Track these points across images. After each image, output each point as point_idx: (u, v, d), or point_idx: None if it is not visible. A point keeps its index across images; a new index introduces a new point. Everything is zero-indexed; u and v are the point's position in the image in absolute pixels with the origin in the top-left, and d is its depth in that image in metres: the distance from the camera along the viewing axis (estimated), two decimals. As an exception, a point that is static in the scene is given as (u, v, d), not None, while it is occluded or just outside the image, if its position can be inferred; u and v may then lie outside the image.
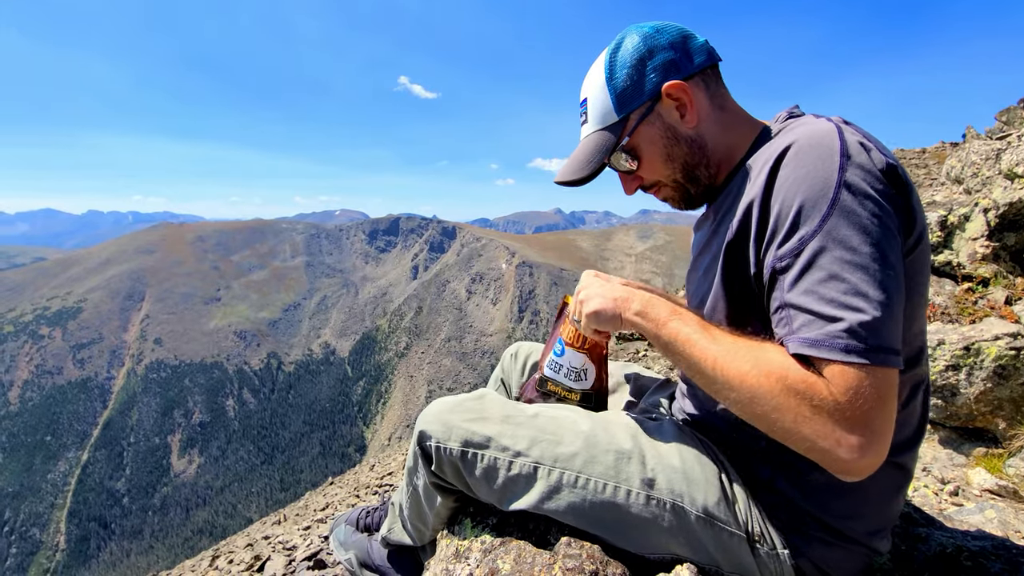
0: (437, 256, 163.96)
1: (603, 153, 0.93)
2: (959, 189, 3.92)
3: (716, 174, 0.96)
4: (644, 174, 0.97)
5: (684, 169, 0.95)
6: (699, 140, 0.93)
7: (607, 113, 0.93)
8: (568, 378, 1.10)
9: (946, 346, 1.88)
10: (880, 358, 0.64)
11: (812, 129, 0.76)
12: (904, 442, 0.84)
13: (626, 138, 0.93)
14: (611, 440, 0.95)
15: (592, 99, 0.95)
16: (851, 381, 0.64)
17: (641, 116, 0.92)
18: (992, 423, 1.85)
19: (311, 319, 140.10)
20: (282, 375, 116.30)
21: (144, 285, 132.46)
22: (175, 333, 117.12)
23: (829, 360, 0.65)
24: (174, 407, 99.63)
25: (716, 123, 0.94)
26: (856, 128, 0.77)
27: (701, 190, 0.98)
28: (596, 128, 0.95)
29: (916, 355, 0.83)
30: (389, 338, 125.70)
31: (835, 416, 0.64)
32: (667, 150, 0.93)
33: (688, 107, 0.91)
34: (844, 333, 0.64)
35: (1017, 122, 5.28)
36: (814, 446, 0.66)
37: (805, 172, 0.72)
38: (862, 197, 0.68)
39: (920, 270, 0.77)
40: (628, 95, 0.91)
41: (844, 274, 0.66)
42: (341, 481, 6.96)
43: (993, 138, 5.27)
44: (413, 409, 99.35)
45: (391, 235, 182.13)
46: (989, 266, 2.13)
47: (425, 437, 1.03)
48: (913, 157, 9.77)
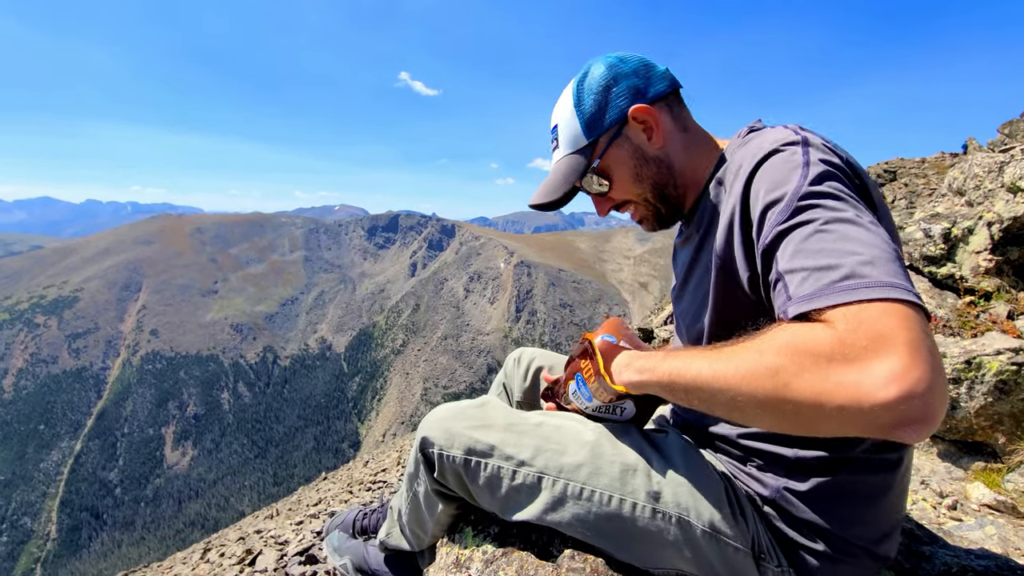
0: (436, 254, 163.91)
1: (576, 175, 0.96)
2: (961, 201, 3.92)
3: (684, 193, 0.99)
4: (615, 194, 1.00)
5: (654, 188, 0.98)
6: (666, 160, 0.97)
7: (577, 137, 0.96)
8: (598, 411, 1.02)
9: (947, 359, 1.87)
10: (891, 292, 0.55)
11: (773, 135, 0.80)
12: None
13: (597, 160, 0.96)
14: (616, 452, 0.94)
15: (563, 125, 0.98)
16: (861, 316, 0.55)
17: (610, 139, 0.95)
18: (992, 437, 1.84)
19: (308, 314, 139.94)
20: (278, 369, 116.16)
21: (141, 276, 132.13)
22: (171, 325, 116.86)
23: (833, 306, 0.57)
24: (169, 399, 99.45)
25: (680, 143, 0.98)
26: (824, 138, 0.78)
27: (671, 209, 1.00)
28: (567, 152, 0.98)
29: None
30: (386, 335, 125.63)
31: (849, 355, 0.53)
32: (636, 170, 0.96)
33: (654, 129, 0.95)
34: (844, 277, 0.58)
35: (1020, 135, 5.28)
36: (846, 404, 0.52)
37: (773, 167, 0.74)
38: (829, 175, 0.70)
39: None
40: (596, 119, 0.95)
41: (831, 227, 0.63)
42: (334, 477, 6.95)
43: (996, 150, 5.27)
44: (408, 406, 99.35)
45: (390, 232, 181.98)
46: (992, 280, 2.13)
47: (428, 444, 1.03)
48: (913, 167, 9.78)
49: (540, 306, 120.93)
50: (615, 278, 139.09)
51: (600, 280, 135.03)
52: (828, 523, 0.83)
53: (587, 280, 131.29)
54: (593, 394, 0.99)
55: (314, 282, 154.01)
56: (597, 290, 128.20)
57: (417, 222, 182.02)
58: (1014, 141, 5.25)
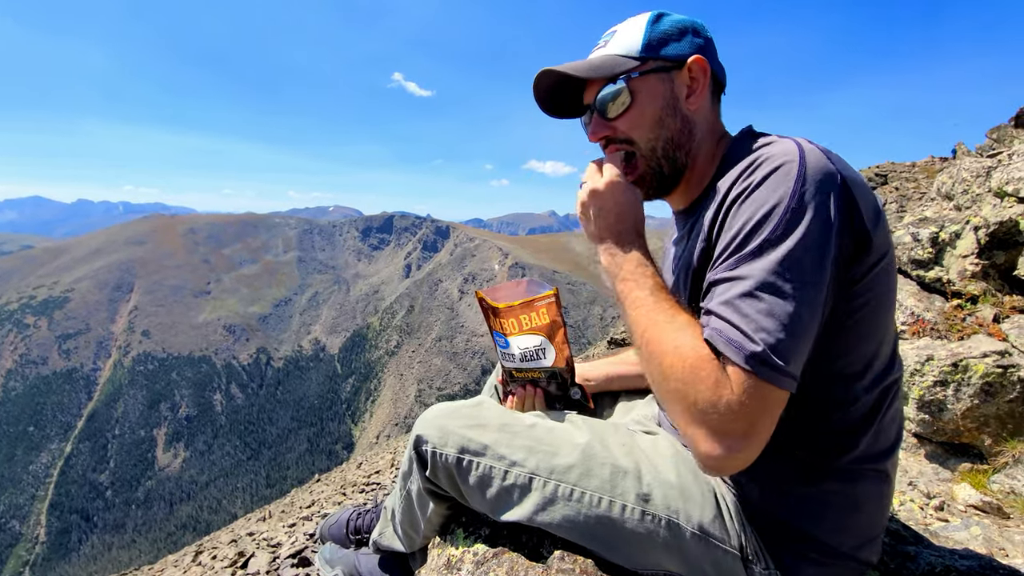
0: (430, 255, 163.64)
1: (618, 69, 0.91)
2: (950, 205, 3.97)
3: (690, 167, 0.96)
4: (623, 126, 0.94)
5: (668, 142, 0.93)
6: (691, 124, 0.94)
7: (632, 47, 0.92)
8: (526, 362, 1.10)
9: (935, 362, 1.90)
10: (776, 378, 0.68)
11: (776, 149, 0.78)
12: (886, 449, 0.86)
13: (637, 73, 0.91)
14: (608, 453, 0.95)
15: (624, 31, 0.94)
16: (746, 386, 0.68)
17: (658, 67, 0.91)
18: (978, 439, 1.87)
19: (302, 315, 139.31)
20: (271, 370, 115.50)
21: (133, 276, 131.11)
22: (163, 325, 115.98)
23: (733, 361, 0.69)
24: (160, 400, 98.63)
25: (707, 121, 0.95)
26: (823, 151, 0.77)
27: (672, 174, 0.96)
28: (616, 52, 0.93)
29: (888, 364, 0.84)
30: (380, 336, 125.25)
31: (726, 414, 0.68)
32: (662, 113, 0.92)
33: (698, 91, 0.92)
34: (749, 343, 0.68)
35: (1007, 140, 5.35)
36: (692, 432, 0.71)
37: (759, 194, 0.74)
38: (806, 225, 0.70)
39: (884, 286, 0.80)
40: (660, 43, 0.92)
41: (761, 297, 0.69)
42: (328, 479, 6.92)
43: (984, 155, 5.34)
44: (402, 408, 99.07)
45: (384, 233, 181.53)
46: (978, 284, 2.16)
47: (421, 441, 1.03)
48: (903, 170, 9.89)
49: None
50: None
51: (594, 282, 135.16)
52: (814, 529, 0.85)
53: (581, 282, 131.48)
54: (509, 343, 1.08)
55: (308, 283, 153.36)
56: (592, 292, 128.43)
57: (412, 223, 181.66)
58: (1002, 146, 5.33)
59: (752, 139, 0.89)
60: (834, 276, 0.73)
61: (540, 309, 1.09)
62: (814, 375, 0.77)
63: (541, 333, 1.08)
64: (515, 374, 1.15)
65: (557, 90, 0.99)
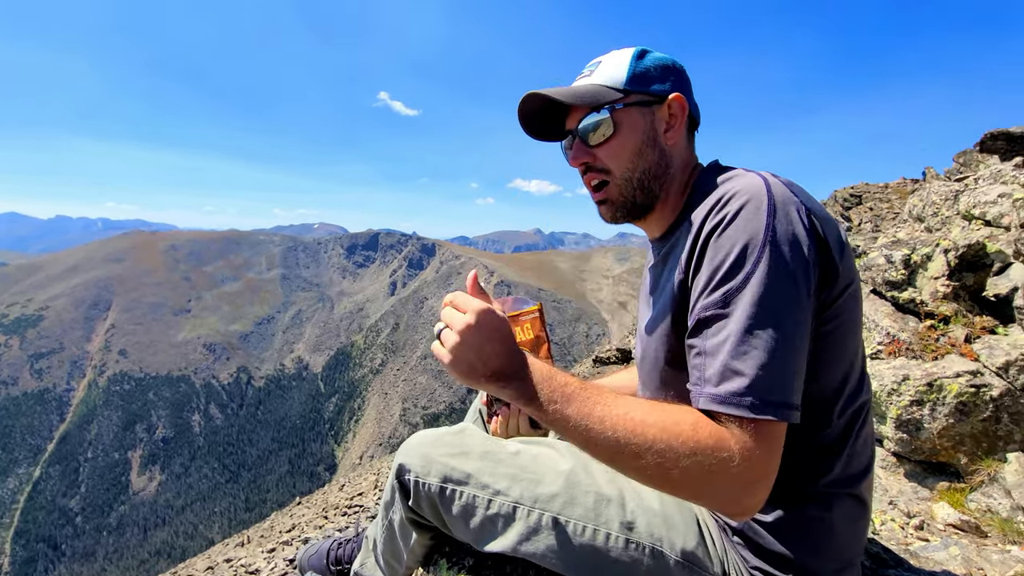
0: (416, 273, 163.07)
1: (601, 99, 0.94)
2: (921, 227, 4.10)
3: (662, 198, 0.99)
4: (604, 154, 0.96)
5: (644, 172, 0.96)
6: (668, 158, 0.97)
7: (617, 79, 0.95)
8: None
9: (910, 382, 1.94)
10: (780, 413, 0.70)
11: (743, 184, 0.81)
12: (860, 472, 0.88)
13: (621, 105, 0.94)
14: (591, 481, 0.95)
15: (609, 63, 0.97)
16: (753, 434, 0.70)
17: (641, 101, 0.95)
18: (954, 458, 1.90)
19: (284, 333, 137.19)
20: (251, 390, 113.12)
21: (111, 294, 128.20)
22: (141, 344, 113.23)
23: (734, 416, 0.71)
24: (136, 421, 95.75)
25: (682, 156, 0.99)
26: (785, 184, 0.81)
27: (645, 202, 0.98)
28: (600, 83, 0.96)
29: (857, 387, 0.87)
30: (364, 354, 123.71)
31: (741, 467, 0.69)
32: (642, 145, 0.95)
33: (676, 126, 0.96)
34: (747, 390, 0.70)
35: (973, 165, 5.56)
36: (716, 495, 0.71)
37: (734, 229, 0.76)
38: (784, 257, 0.73)
39: (851, 312, 0.83)
40: (644, 79, 0.95)
41: (752, 333, 0.71)
42: (309, 501, 6.75)
43: (952, 179, 5.54)
44: (386, 427, 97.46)
45: (370, 250, 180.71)
46: (950, 304, 2.23)
47: (404, 470, 1.02)
48: (877, 191, 10.19)
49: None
50: (594, 297, 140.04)
51: (580, 300, 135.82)
52: (793, 553, 0.86)
53: (567, 300, 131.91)
54: None
55: (291, 300, 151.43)
56: (577, 309, 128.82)
57: (397, 241, 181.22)
58: (968, 170, 5.53)
59: (719, 172, 0.92)
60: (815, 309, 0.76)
61: (525, 324, 1.09)
62: None
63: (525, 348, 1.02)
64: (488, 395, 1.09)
65: (541, 113, 1.01)
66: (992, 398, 1.85)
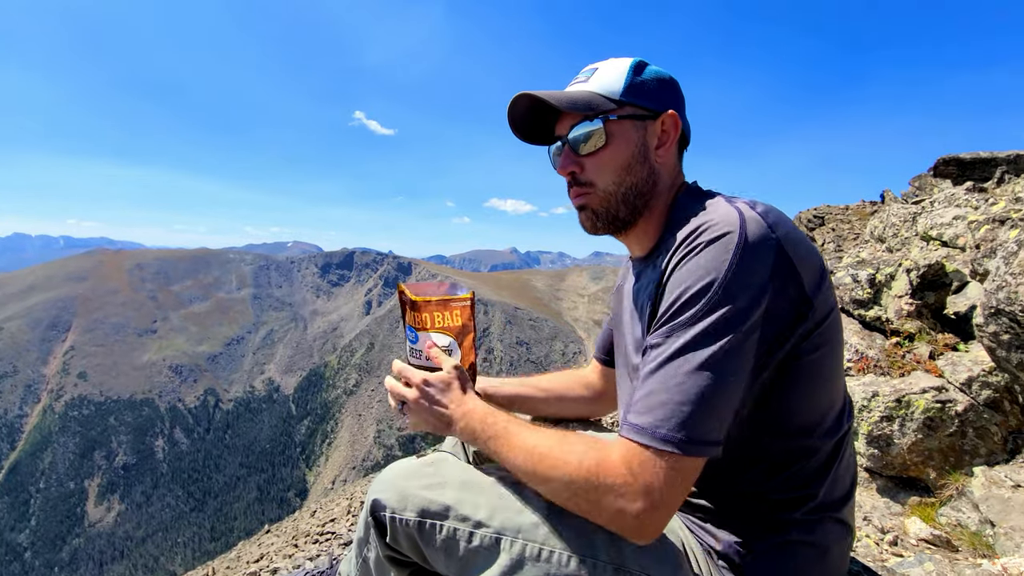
0: (392, 292, 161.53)
1: (595, 107, 0.92)
2: (882, 247, 4.27)
3: (646, 215, 0.98)
4: (592, 164, 0.95)
5: (631, 188, 0.95)
6: (656, 175, 0.96)
7: (613, 89, 0.93)
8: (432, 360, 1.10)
9: (880, 398, 2.00)
10: (686, 448, 0.73)
11: (718, 216, 0.80)
12: (843, 497, 0.89)
13: (614, 116, 0.92)
14: None
15: (606, 71, 0.96)
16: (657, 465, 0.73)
17: (636, 114, 0.93)
18: (924, 472, 1.94)
19: (255, 354, 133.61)
20: (219, 413, 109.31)
21: (71, 314, 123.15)
22: (102, 367, 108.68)
23: (644, 445, 0.74)
24: (95, 448, 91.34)
25: (670, 174, 0.98)
26: (764, 216, 0.80)
27: (627, 217, 0.98)
28: (596, 91, 0.94)
29: (840, 413, 0.88)
30: (338, 375, 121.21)
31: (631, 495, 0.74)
32: (631, 160, 0.94)
33: (667, 143, 0.95)
34: (660, 423, 0.73)
35: (928, 188, 5.84)
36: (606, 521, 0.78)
37: (696, 265, 0.77)
38: (736, 299, 0.74)
39: (832, 342, 0.84)
40: (640, 91, 0.94)
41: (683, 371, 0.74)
42: (278, 529, 6.51)
43: (909, 202, 5.80)
44: (360, 450, 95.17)
45: (345, 269, 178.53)
46: (914, 322, 2.31)
47: (379, 507, 0.97)
48: (839, 213, 10.61)
49: (497, 344, 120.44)
50: (570, 316, 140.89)
51: (556, 318, 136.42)
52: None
53: (543, 318, 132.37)
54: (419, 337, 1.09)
55: (262, 320, 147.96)
56: (553, 328, 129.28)
57: (373, 259, 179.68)
58: (923, 193, 5.81)
59: (701, 196, 0.92)
60: (768, 343, 0.78)
61: (455, 310, 1.10)
62: (774, 433, 0.83)
63: (451, 334, 1.10)
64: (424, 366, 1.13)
65: (530, 115, 1.00)
66: (957, 413, 1.90)
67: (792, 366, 0.81)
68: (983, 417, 1.90)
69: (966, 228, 3.08)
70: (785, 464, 0.84)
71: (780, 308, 0.77)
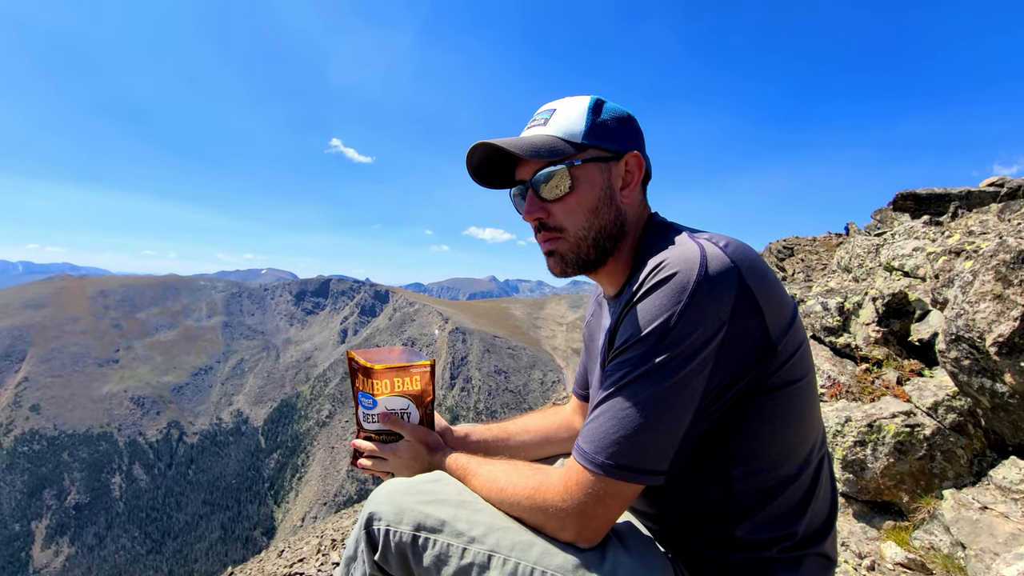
0: (368, 320, 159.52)
1: (558, 153, 0.92)
2: (849, 277, 4.43)
3: (613, 256, 0.99)
4: (559, 210, 0.95)
5: (600, 231, 0.95)
6: (623, 216, 0.97)
7: (573, 132, 0.93)
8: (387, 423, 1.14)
9: (853, 423, 2.05)
10: (622, 475, 0.79)
11: (679, 255, 0.81)
12: (823, 528, 0.90)
13: (578, 160, 0.92)
14: None
15: (564, 113, 0.96)
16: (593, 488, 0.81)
17: (599, 157, 0.93)
18: (897, 496, 1.99)
19: (223, 384, 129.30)
20: (183, 447, 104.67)
21: (27, 344, 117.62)
22: (58, 399, 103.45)
23: (584, 467, 0.82)
24: (45, 486, 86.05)
25: (636, 213, 0.99)
26: (729, 252, 0.81)
27: (597, 259, 0.98)
28: (555, 135, 0.94)
29: (813, 445, 0.89)
30: (310, 405, 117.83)
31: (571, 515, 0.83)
32: (598, 203, 0.94)
33: (631, 184, 0.96)
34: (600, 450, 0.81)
35: (888, 221, 6.13)
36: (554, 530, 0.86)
37: (651, 304, 0.80)
38: (681, 345, 0.77)
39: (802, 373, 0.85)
40: (601, 133, 0.94)
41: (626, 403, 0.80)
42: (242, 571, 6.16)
43: (872, 234, 6.07)
44: (332, 484, 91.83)
45: (320, 297, 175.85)
46: (881, 349, 2.39)
47: (374, 519, 0.96)
48: (807, 244, 11.02)
49: (475, 372, 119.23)
50: (549, 344, 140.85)
51: (534, 346, 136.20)
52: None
53: (521, 347, 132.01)
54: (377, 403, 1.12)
55: (233, 349, 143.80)
56: (531, 356, 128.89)
57: (349, 287, 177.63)
58: (885, 226, 6.09)
59: (664, 234, 0.93)
60: (727, 377, 0.80)
61: (414, 376, 1.13)
62: (750, 470, 0.85)
63: (409, 398, 1.13)
64: (374, 437, 1.15)
65: (489, 161, 1.00)
66: (925, 437, 1.96)
67: (767, 405, 0.82)
68: (949, 440, 1.97)
69: (925, 259, 3.23)
70: (767, 500, 0.85)
71: (740, 342, 0.78)
